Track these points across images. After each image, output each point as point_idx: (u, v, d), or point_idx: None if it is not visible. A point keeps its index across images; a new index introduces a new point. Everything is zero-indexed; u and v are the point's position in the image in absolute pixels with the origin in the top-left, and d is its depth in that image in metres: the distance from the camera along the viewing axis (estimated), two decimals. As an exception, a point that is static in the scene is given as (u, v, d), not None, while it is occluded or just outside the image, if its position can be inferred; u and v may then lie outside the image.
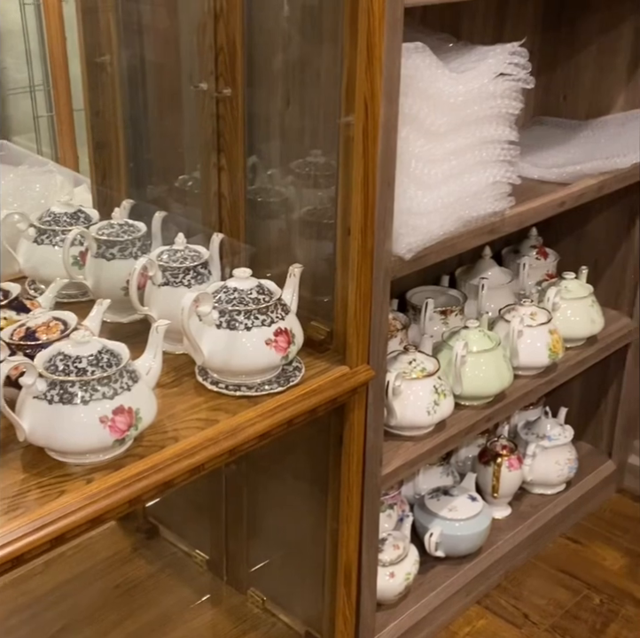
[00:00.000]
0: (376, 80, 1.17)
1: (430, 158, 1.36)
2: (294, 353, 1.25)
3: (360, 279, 1.28)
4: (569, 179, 1.70)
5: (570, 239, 2.05)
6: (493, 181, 1.48)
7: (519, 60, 1.41)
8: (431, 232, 1.38)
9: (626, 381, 2.03)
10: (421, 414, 1.52)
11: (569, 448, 1.94)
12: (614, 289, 2.00)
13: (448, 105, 1.34)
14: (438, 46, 1.45)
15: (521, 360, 1.70)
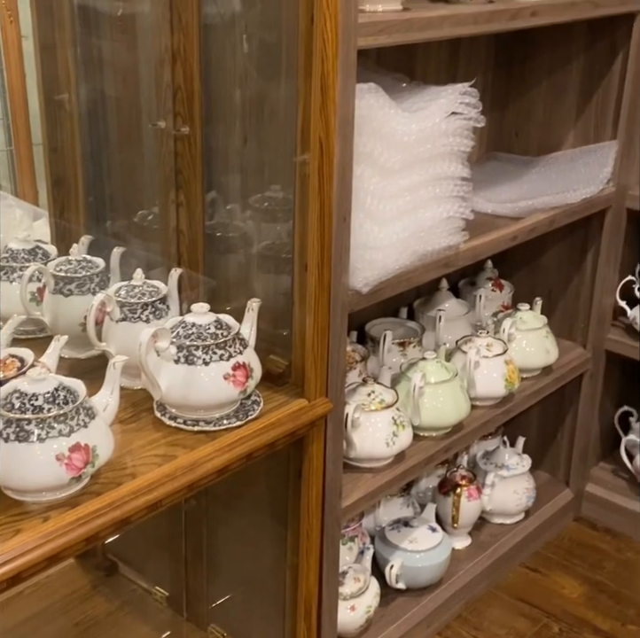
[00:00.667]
0: (330, 120, 1.20)
1: (385, 194, 1.39)
2: (253, 387, 1.26)
3: (317, 313, 1.30)
4: (521, 213, 1.75)
5: (525, 271, 2.10)
6: (447, 216, 1.51)
7: (470, 100, 1.45)
8: (387, 266, 1.41)
9: (581, 410, 2.07)
10: (380, 445, 1.54)
11: (527, 478, 1.96)
12: (568, 319, 2.05)
13: (401, 143, 1.37)
14: (392, 86, 1.49)
15: (478, 390, 1.73)
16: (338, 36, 1.16)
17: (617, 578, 1.96)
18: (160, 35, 1.36)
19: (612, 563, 2.01)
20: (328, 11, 1.12)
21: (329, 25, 1.13)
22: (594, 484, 2.14)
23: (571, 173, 1.89)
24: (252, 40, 1.38)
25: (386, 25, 1.25)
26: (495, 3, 1.47)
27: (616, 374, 2.13)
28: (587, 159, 1.90)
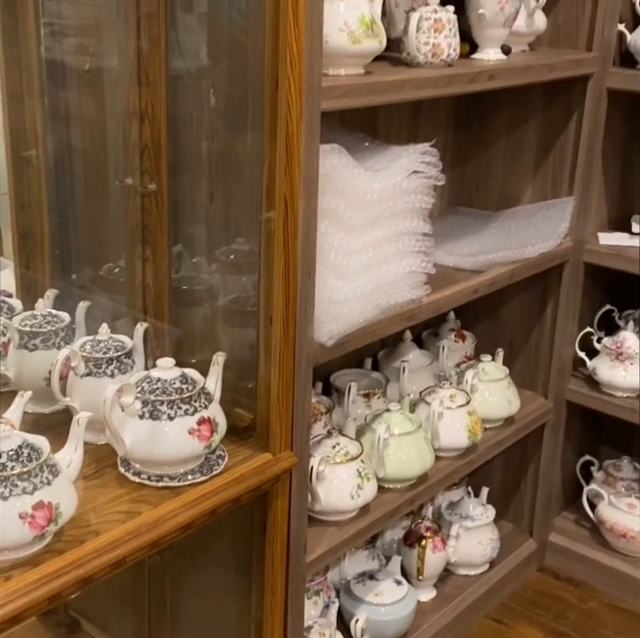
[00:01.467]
0: (295, 179, 1.23)
1: (349, 249, 1.42)
2: (217, 441, 1.26)
3: (282, 366, 1.31)
4: (482, 267, 1.79)
5: (487, 322, 2.14)
6: (409, 270, 1.54)
7: (430, 159, 1.49)
8: (351, 320, 1.43)
9: (543, 460, 2.09)
10: (345, 498, 1.54)
11: (491, 528, 1.97)
12: (529, 370, 2.08)
13: (364, 201, 1.41)
14: (355, 145, 1.53)
15: (442, 441, 1.74)
16: (302, 99, 1.19)
17: (581, 628, 1.97)
18: (127, 91, 1.38)
19: (575, 613, 2.02)
20: (292, 75, 1.16)
21: (293, 88, 1.17)
22: (557, 534, 2.16)
23: (529, 227, 1.94)
24: (219, 97, 1.42)
25: (349, 88, 1.29)
26: (454, 66, 1.52)
27: (577, 424, 2.16)
28: (545, 214, 1.95)
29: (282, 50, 1.14)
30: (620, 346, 1.96)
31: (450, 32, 1.49)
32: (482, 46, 1.65)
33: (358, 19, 1.31)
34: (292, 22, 1.13)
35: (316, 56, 1.21)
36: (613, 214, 2.06)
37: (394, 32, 1.57)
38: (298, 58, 1.16)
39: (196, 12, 1.41)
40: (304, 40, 1.16)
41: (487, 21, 1.59)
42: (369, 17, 1.32)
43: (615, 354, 1.96)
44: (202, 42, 1.42)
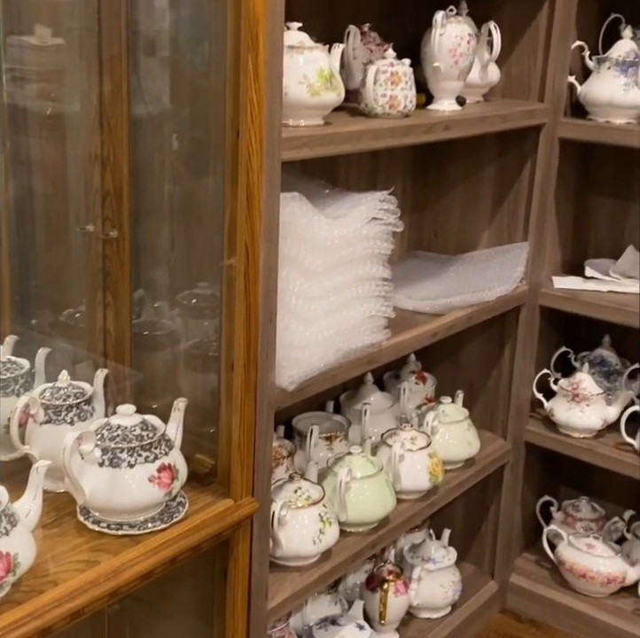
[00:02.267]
0: (256, 227, 1.25)
1: (310, 295, 1.44)
2: (178, 488, 1.26)
3: (243, 412, 1.31)
4: (441, 311, 1.82)
5: (447, 364, 2.16)
6: (370, 315, 1.57)
7: (389, 206, 1.52)
8: (312, 364, 1.44)
9: (503, 501, 2.11)
10: (307, 543, 1.54)
11: (453, 571, 1.98)
12: (489, 412, 2.11)
13: (324, 247, 1.43)
14: (316, 192, 1.56)
15: (403, 484, 1.75)
16: (262, 150, 1.22)
17: (543, 669, 1.98)
18: (89, 137, 1.40)
19: (537, 654, 2.03)
20: (253, 126, 1.19)
21: (254, 139, 1.19)
22: (518, 575, 2.17)
23: (487, 271, 1.98)
24: (181, 144, 1.44)
25: (309, 139, 1.32)
26: (411, 117, 1.56)
27: (536, 464, 2.19)
28: (501, 258, 2.00)
29: (242, 102, 1.17)
30: (576, 388, 1.99)
31: (407, 84, 1.53)
32: (438, 97, 1.70)
33: (317, 73, 1.34)
34: (253, 75, 1.16)
35: (276, 108, 1.24)
36: (568, 259, 2.12)
37: (352, 83, 1.62)
38: (258, 109, 1.19)
39: (158, 58, 1.43)
40: (264, 92, 1.19)
41: (442, 74, 1.64)
42: (327, 70, 1.36)
43: (572, 395, 1.99)
44: (164, 88, 1.44)
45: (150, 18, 1.37)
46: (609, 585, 2.02)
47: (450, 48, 1.62)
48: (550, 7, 1.82)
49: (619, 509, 2.19)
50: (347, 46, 1.60)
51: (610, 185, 2.12)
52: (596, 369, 2.11)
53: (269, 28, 1.18)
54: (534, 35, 1.86)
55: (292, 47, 1.33)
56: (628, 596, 2.04)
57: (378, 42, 1.67)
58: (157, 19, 1.38)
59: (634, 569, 2.02)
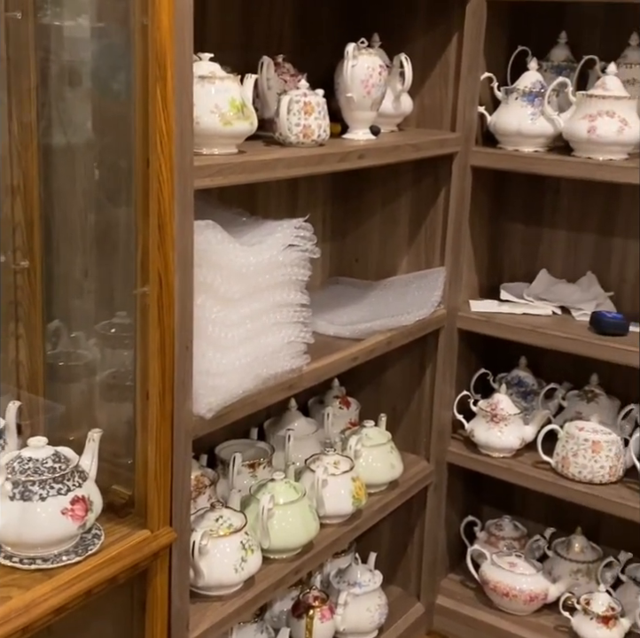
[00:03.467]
0: (169, 255, 1.25)
1: (227, 322, 1.45)
2: (93, 520, 1.24)
3: (159, 441, 1.31)
4: (361, 335, 1.84)
5: (370, 388, 2.19)
6: (288, 340, 1.58)
7: (305, 233, 1.54)
8: (230, 391, 1.45)
9: (428, 523, 2.13)
10: (229, 572, 1.53)
11: (379, 594, 1.98)
12: (411, 434, 2.14)
13: (241, 274, 1.44)
14: (233, 220, 1.57)
15: (327, 509, 1.76)
16: (173, 178, 1.23)
17: (470, 690, 1.99)
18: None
19: (465, 675, 2.04)
20: (163, 155, 1.20)
21: (164, 168, 1.20)
22: (444, 596, 2.19)
23: (406, 296, 2.02)
24: (92, 173, 1.44)
25: (222, 167, 1.34)
26: (325, 146, 1.59)
27: (459, 485, 2.22)
28: (419, 283, 2.04)
29: (152, 132, 1.18)
30: (494, 408, 2.04)
31: (320, 114, 1.56)
32: (352, 127, 1.73)
33: (229, 102, 1.36)
34: (161, 105, 1.17)
35: (187, 137, 1.25)
36: (484, 283, 2.18)
37: (267, 113, 1.64)
38: (168, 139, 1.20)
39: (70, 88, 1.43)
40: (174, 122, 1.20)
41: (355, 104, 1.68)
42: (239, 100, 1.38)
43: (490, 415, 2.04)
44: (76, 118, 1.43)
45: (60, 47, 1.37)
46: (531, 602, 2.06)
47: (362, 79, 1.66)
48: (459, 40, 1.88)
49: (540, 527, 2.24)
50: (261, 76, 1.63)
51: (522, 211, 2.19)
52: (513, 390, 2.16)
53: (177, 59, 1.19)
54: (445, 67, 1.92)
55: (203, 77, 1.35)
56: (551, 613, 2.08)
57: (293, 72, 1.70)
58: (68, 49, 1.38)
59: (555, 586, 2.06)
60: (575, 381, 2.14)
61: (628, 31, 1.91)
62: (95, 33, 1.30)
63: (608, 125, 1.77)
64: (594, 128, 1.77)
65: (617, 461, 1.91)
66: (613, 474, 1.92)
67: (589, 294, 2.07)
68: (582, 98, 1.81)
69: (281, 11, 1.86)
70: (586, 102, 1.80)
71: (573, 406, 2.08)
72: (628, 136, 1.77)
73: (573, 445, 1.93)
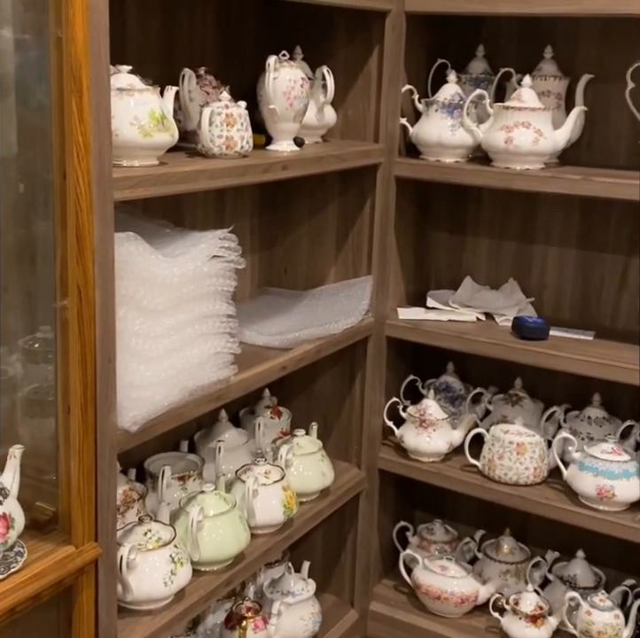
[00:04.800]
0: (88, 267, 1.24)
1: (151, 334, 1.44)
2: (14, 537, 1.22)
3: (82, 455, 1.29)
4: (290, 345, 1.85)
5: (302, 397, 2.20)
6: (215, 351, 1.58)
7: (230, 244, 1.55)
8: (156, 404, 1.44)
9: (360, 529, 2.15)
10: (158, 585, 1.52)
11: (312, 602, 1.99)
12: (343, 442, 2.16)
13: (164, 285, 1.44)
14: (157, 232, 1.57)
15: (258, 519, 1.76)
16: (92, 190, 1.22)
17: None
18: None
19: (399, 679, 2.06)
20: (80, 167, 1.19)
21: (82, 180, 1.20)
22: (377, 602, 2.21)
23: (334, 305, 2.04)
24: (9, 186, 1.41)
25: (141, 179, 1.33)
26: (249, 157, 1.60)
27: (391, 491, 2.25)
28: (347, 292, 2.07)
29: (68, 144, 1.17)
30: (423, 414, 2.07)
31: (242, 126, 1.57)
32: (276, 138, 1.75)
33: (148, 114, 1.36)
34: (78, 118, 1.17)
35: (106, 149, 1.25)
36: (411, 291, 2.21)
37: (190, 125, 1.65)
38: (85, 151, 1.19)
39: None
40: (91, 134, 1.20)
41: (278, 116, 1.70)
42: (159, 112, 1.38)
43: (419, 421, 2.07)
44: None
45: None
46: (462, 605, 2.09)
47: (284, 91, 1.68)
48: (380, 53, 1.92)
49: (471, 529, 2.28)
50: (183, 89, 1.63)
51: (446, 220, 2.24)
52: (441, 395, 2.20)
53: (93, 71, 1.19)
54: (367, 79, 1.95)
55: (121, 89, 1.35)
56: (482, 615, 2.11)
57: (215, 84, 1.71)
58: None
59: (485, 587, 2.10)
60: (501, 385, 2.19)
61: (543, 44, 1.98)
62: (17, 45, 1.29)
63: (524, 136, 1.82)
64: (511, 139, 1.83)
65: (541, 462, 1.97)
66: (538, 475, 1.97)
67: (512, 300, 2.13)
68: (499, 110, 1.86)
69: (203, 24, 1.87)
70: (503, 113, 1.85)
71: (498, 409, 2.13)
72: (544, 147, 1.83)
73: (499, 448, 1.97)
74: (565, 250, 2.11)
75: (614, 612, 1.92)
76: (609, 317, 2.08)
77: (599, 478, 1.84)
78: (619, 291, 2.06)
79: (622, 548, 2.01)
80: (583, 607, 1.94)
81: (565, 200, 2.06)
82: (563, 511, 1.90)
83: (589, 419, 2.03)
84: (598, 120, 1.99)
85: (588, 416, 2.04)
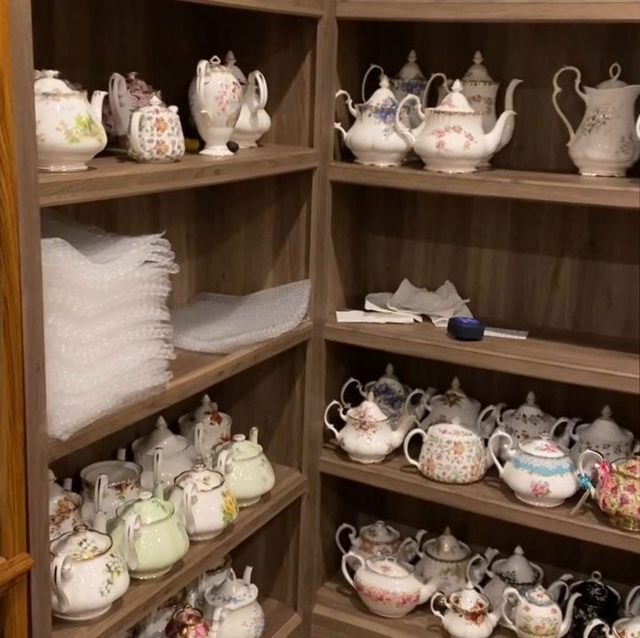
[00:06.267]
0: (13, 274, 1.22)
1: (81, 341, 1.42)
2: (-60, 551, 1.19)
3: (11, 465, 1.27)
4: (227, 350, 1.85)
5: (242, 402, 2.20)
6: (149, 358, 1.57)
7: (162, 249, 1.54)
8: (88, 412, 1.42)
9: (302, 533, 2.16)
10: (94, 595, 1.50)
11: (255, 608, 1.99)
12: (284, 446, 2.16)
13: (94, 292, 1.42)
14: (88, 238, 1.56)
15: (197, 525, 1.75)
16: (16, 196, 1.20)
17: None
18: None
19: (344, 681, 2.06)
20: (3, 173, 1.17)
21: (5, 186, 1.18)
22: (321, 605, 2.21)
23: (272, 310, 2.04)
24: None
25: (69, 184, 1.32)
26: (180, 162, 1.60)
27: (333, 494, 2.26)
28: (285, 296, 2.07)
29: (-10, 150, 1.15)
30: (363, 416, 2.09)
31: (173, 130, 1.57)
32: (209, 143, 1.74)
33: (75, 119, 1.35)
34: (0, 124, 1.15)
35: (30, 154, 1.23)
36: (350, 294, 2.23)
37: (121, 130, 1.63)
38: (8, 156, 1.18)
39: None
40: (14, 139, 1.18)
41: (210, 121, 1.69)
42: (86, 117, 1.37)
43: (359, 423, 2.08)
44: None
45: None
46: (404, 604, 2.11)
47: (216, 96, 1.68)
48: (312, 58, 1.93)
49: (413, 529, 2.30)
50: (112, 93, 1.62)
51: (383, 224, 2.26)
52: (381, 397, 2.21)
53: (15, 76, 1.17)
54: (300, 85, 1.96)
55: (47, 94, 1.33)
56: (424, 614, 2.13)
57: (146, 89, 1.70)
58: None
59: (426, 586, 2.12)
60: (439, 386, 2.22)
61: (473, 50, 2.01)
62: None
63: (455, 140, 1.85)
64: (442, 143, 1.85)
65: (478, 460, 2.00)
66: (475, 473, 2.00)
67: (448, 302, 2.15)
68: (431, 115, 1.89)
69: (134, 29, 1.86)
70: (434, 118, 1.88)
71: (437, 410, 2.16)
72: (475, 151, 1.86)
73: (437, 447, 2.00)
74: (499, 252, 2.15)
75: (551, 607, 1.96)
76: (542, 317, 2.12)
77: (534, 475, 1.88)
78: (550, 291, 2.10)
79: (559, 544, 2.05)
80: (522, 603, 1.97)
81: (498, 203, 2.10)
82: (500, 509, 1.93)
83: (525, 417, 2.07)
84: (528, 125, 2.03)
85: (523, 414, 2.07)
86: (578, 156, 1.89)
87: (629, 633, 1.86)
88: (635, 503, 1.78)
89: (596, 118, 1.86)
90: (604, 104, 1.85)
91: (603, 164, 1.86)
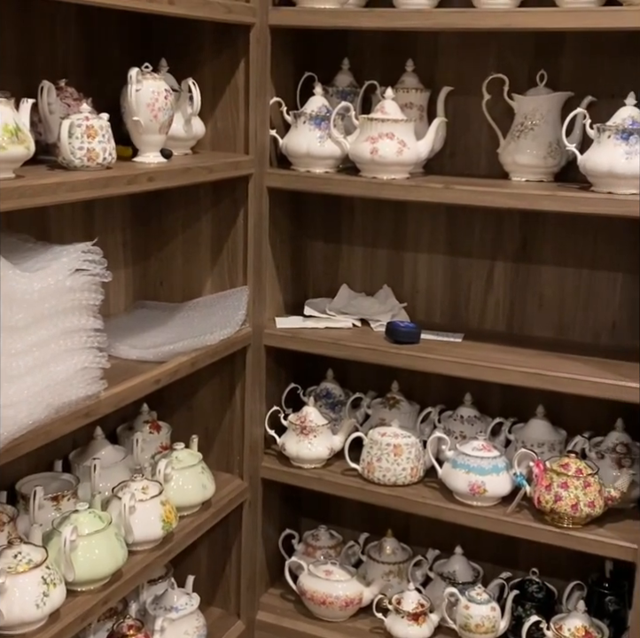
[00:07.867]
0: (-64, 283, 1.20)
1: (11, 351, 1.40)
2: None
3: (-62, 479, 1.25)
4: (165, 358, 1.84)
5: (182, 410, 2.19)
6: (82, 367, 1.55)
7: (94, 257, 1.53)
8: (19, 422, 1.40)
9: (244, 540, 2.15)
10: (30, 608, 1.47)
11: (197, 616, 1.98)
12: (225, 453, 2.15)
13: (23, 301, 1.40)
14: (18, 246, 1.54)
15: (136, 535, 1.73)
16: (-61, 205, 1.19)
17: None
18: None
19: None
20: None
21: None
22: (264, 611, 2.21)
23: (210, 317, 2.04)
24: None
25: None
26: (112, 169, 1.59)
27: (275, 500, 2.26)
28: (224, 303, 2.07)
29: None
30: (303, 421, 2.09)
31: (104, 137, 1.55)
32: (142, 150, 1.74)
33: (1, 127, 1.33)
34: None
35: (-47, 162, 1.21)
36: (290, 300, 2.24)
37: (51, 137, 1.62)
38: None
39: None
40: None
41: (142, 128, 1.69)
42: (13, 125, 1.36)
43: (300, 428, 2.09)
44: None
45: None
46: (347, 608, 2.12)
47: (148, 103, 1.68)
48: (246, 66, 1.93)
49: (356, 533, 2.32)
50: (42, 101, 1.60)
51: (322, 230, 2.28)
52: (322, 402, 2.23)
53: None
54: (234, 92, 1.97)
55: (-29, 103, 1.32)
56: (366, 617, 2.14)
57: (76, 96, 1.69)
58: None
59: (369, 589, 2.13)
60: (379, 389, 2.24)
61: (405, 57, 2.04)
62: None
63: (389, 146, 1.87)
64: (376, 150, 1.88)
65: (417, 462, 2.02)
66: (415, 475, 2.02)
67: (386, 306, 2.18)
68: (364, 121, 1.91)
69: (65, 35, 1.84)
70: (368, 125, 1.90)
71: (377, 413, 2.18)
72: (408, 157, 1.89)
73: (377, 450, 2.02)
74: (435, 256, 2.18)
75: (491, 605, 1.99)
76: (477, 319, 2.16)
77: (471, 475, 1.91)
78: (485, 294, 2.14)
79: (498, 542, 2.09)
80: (462, 602, 1.99)
81: (432, 208, 2.13)
82: (439, 509, 1.96)
83: (462, 418, 2.10)
84: (459, 131, 2.07)
85: (460, 415, 2.11)
86: (508, 161, 1.93)
87: (566, 628, 1.90)
88: (568, 500, 1.82)
89: (524, 124, 1.90)
90: (531, 110, 1.89)
91: (532, 169, 1.91)
